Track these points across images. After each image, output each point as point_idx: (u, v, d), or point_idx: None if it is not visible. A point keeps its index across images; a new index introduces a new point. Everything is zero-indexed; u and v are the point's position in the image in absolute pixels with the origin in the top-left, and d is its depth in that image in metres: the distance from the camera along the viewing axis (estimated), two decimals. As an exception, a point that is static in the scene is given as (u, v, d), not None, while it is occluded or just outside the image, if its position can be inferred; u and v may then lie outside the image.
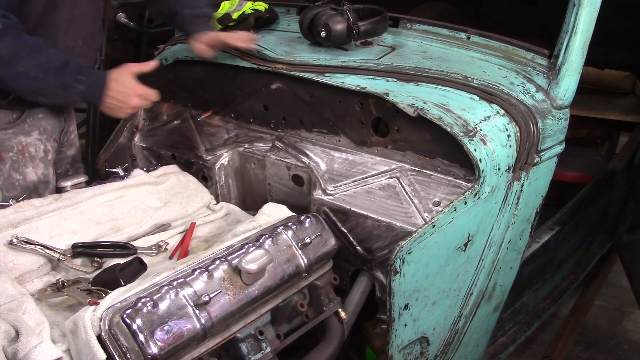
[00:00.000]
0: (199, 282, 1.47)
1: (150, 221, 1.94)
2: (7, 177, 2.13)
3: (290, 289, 1.71)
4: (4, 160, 2.10)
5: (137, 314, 1.34)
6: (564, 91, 1.94)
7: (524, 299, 2.70)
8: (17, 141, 2.11)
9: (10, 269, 1.63)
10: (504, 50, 2.03)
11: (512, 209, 1.94)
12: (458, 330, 2.06)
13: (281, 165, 2.06)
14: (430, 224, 1.64)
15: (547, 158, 1.97)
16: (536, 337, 3.14)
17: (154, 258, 1.81)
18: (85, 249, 1.73)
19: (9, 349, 1.35)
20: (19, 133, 2.11)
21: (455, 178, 1.80)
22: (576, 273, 3.17)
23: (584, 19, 1.87)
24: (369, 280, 1.91)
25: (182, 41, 2.43)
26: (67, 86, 1.90)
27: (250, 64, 2.11)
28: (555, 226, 2.70)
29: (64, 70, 1.88)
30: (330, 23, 2.03)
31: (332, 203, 1.91)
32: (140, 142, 2.40)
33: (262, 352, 1.60)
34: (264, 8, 2.39)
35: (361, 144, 1.97)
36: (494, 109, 1.84)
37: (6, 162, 2.11)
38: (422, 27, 2.17)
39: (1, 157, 2.09)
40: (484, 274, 2.00)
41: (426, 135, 1.82)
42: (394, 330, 1.72)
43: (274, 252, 1.63)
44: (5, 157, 2.10)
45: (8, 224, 1.72)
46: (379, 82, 1.91)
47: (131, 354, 1.33)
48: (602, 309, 3.44)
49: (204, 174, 2.21)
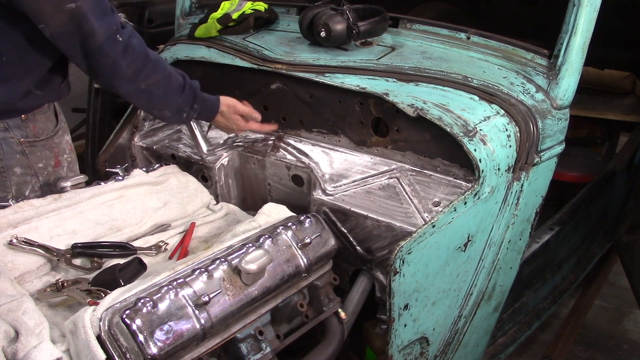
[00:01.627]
0: (198, 282, 1.47)
1: (150, 221, 1.94)
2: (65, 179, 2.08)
3: (290, 289, 1.71)
4: (61, 164, 2.12)
5: (137, 314, 1.34)
6: (564, 91, 1.94)
7: (524, 299, 2.69)
8: (66, 142, 2.14)
9: (10, 269, 1.63)
10: (504, 50, 2.03)
11: (512, 209, 1.94)
12: (458, 331, 2.06)
13: (281, 165, 2.06)
14: (430, 224, 1.64)
15: (547, 158, 1.96)
16: (536, 337, 3.14)
17: (154, 258, 1.81)
18: (85, 249, 1.73)
19: (8, 349, 1.35)
20: (64, 134, 2.13)
21: (455, 178, 1.80)
22: (576, 273, 3.17)
23: (584, 19, 1.86)
24: (368, 280, 1.91)
25: (182, 41, 2.43)
26: (181, 111, 1.96)
27: (250, 64, 2.11)
28: (555, 226, 2.69)
29: (181, 92, 1.93)
30: (330, 23, 2.03)
31: (332, 203, 1.91)
32: (140, 142, 2.39)
33: (262, 353, 1.60)
34: (263, 8, 2.39)
35: (361, 144, 1.97)
36: (493, 109, 1.84)
37: (63, 166, 2.12)
38: (422, 27, 2.17)
39: (58, 162, 2.10)
40: (484, 274, 2.00)
41: (426, 135, 1.82)
42: (394, 331, 1.72)
43: (273, 253, 1.63)
44: (61, 161, 2.12)
45: (8, 224, 1.72)
46: (378, 82, 1.91)
47: (131, 354, 1.33)
48: (602, 309, 3.43)
49: (203, 174, 2.21)
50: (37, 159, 2.02)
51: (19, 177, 2.00)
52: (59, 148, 2.09)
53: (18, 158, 1.97)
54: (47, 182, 2.08)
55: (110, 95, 3.33)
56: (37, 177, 2.04)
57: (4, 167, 1.96)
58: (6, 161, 1.96)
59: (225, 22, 2.34)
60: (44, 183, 2.06)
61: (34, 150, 2.00)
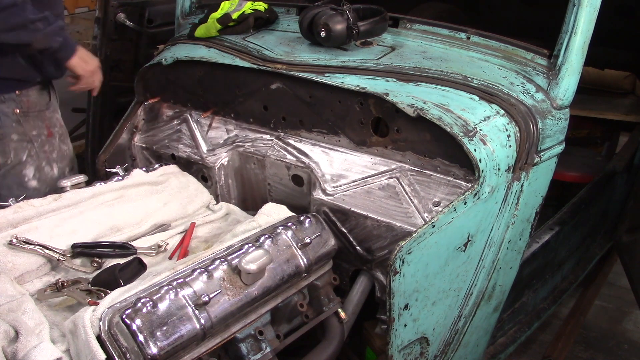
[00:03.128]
0: (198, 282, 1.47)
1: (150, 221, 1.94)
2: (59, 149, 2.50)
3: (290, 289, 1.71)
4: (54, 135, 2.47)
5: (137, 314, 1.34)
6: (564, 91, 1.94)
7: (524, 299, 2.69)
8: (56, 118, 2.50)
9: (10, 269, 1.63)
10: (504, 50, 2.03)
11: (512, 209, 1.94)
12: (458, 331, 2.06)
13: (281, 165, 2.06)
14: (430, 224, 1.64)
15: (547, 158, 1.96)
16: (536, 337, 3.14)
17: (154, 258, 1.81)
18: (84, 249, 1.73)
19: (8, 349, 1.35)
20: (55, 111, 2.50)
21: (455, 178, 1.80)
22: (576, 273, 3.17)
23: (584, 19, 1.86)
24: (368, 280, 1.91)
25: (182, 41, 2.43)
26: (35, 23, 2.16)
27: (250, 64, 2.11)
28: (555, 226, 2.69)
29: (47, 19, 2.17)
30: (330, 23, 2.02)
31: (332, 203, 1.91)
32: (140, 142, 2.40)
33: (262, 353, 1.60)
34: (263, 8, 2.39)
35: (361, 144, 1.97)
36: (493, 109, 1.84)
37: (55, 137, 2.48)
38: (422, 27, 2.17)
39: (51, 132, 2.45)
40: (484, 274, 2.00)
41: (426, 135, 1.82)
42: (394, 331, 1.72)
43: (273, 253, 1.63)
44: (54, 132, 2.47)
45: (8, 224, 1.72)
46: (378, 82, 1.91)
47: (131, 354, 1.33)
48: (602, 309, 3.44)
49: (203, 174, 2.21)
50: (31, 128, 2.38)
51: (16, 143, 2.35)
52: (50, 121, 2.45)
53: (14, 126, 2.33)
54: (42, 149, 2.42)
55: (110, 95, 3.33)
56: (32, 144, 2.39)
57: (3, 134, 2.32)
58: (4, 129, 2.32)
59: (225, 22, 2.34)
60: (39, 149, 2.41)
61: (28, 120, 2.36)
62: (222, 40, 2.31)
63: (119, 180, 2.03)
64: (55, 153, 2.48)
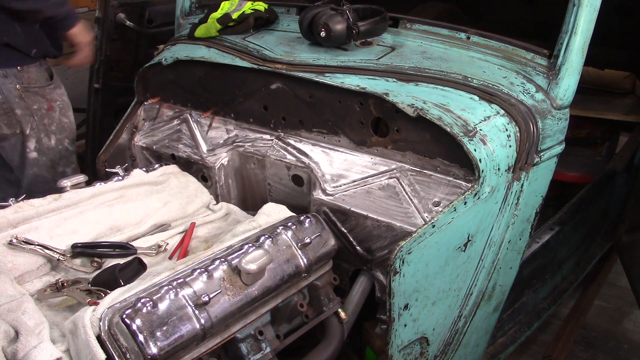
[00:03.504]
0: (198, 282, 1.47)
1: (150, 221, 1.94)
2: (58, 122, 2.76)
3: (290, 289, 1.71)
4: (54, 109, 2.73)
5: (137, 314, 1.34)
6: (564, 91, 1.94)
7: (524, 299, 2.69)
8: (58, 93, 2.76)
9: (10, 269, 1.63)
10: (504, 50, 2.03)
11: (512, 209, 1.94)
12: (458, 331, 2.06)
13: (281, 165, 2.06)
14: (430, 224, 1.64)
15: (547, 158, 1.96)
16: (536, 337, 3.14)
17: (154, 258, 1.81)
18: (84, 249, 1.73)
19: (8, 349, 1.35)
20: (57, 87, 2.76)
21: (455, 178, 1.80)
22: (576, 273, 3.17)
23: (584, 19, 1.86)
24: (368, 280, 1.91)
25: (182, 41, 2.43)
26: None
27: (250, 64, 2.11)
28: (555, 226, 2.70)
29: None
30: (330, 23, 2.02)
31: (332, 203, 1.91)
32: (140, 142, 2.39)
33: (262, 353, 1.60)
34: (263, 8, 2.39)
35: (361, 144, 1.97)
36: (493, 109, 1.84)
37: (55, 110, 2.74)
38: (422, 27, 2.17)
39: (51, 106, 2.72)
40: (484, 274, 2.00)
41: (426, 135, 1.82)
42: (394, 331, 1.72)
43: (273, 253, 1.63)
44: (54, 106, 2.73)
45: (8, 224, 1.72)
46: (378, 82, 1.91)
47: (131, 354, 1.33)
48: (602, 309, 3.44)
49: (203, 174, 2.21)
50: (32, 102, 2.65)
51: (20, 117, 2.64)
52: (51, 96, 2.72)
53: (17, 101, 2.62)
54: (42, 122, 2.69)
55: (110, 95, 3.34)
56: (34, 117, 2.67)
57: (8, 108, 2.61)
58: (8, 103, 2.60)
59: (225, 22, 2.34)
60: (39, 122, 2.69)
61: (29, 95, 2.64)
62: (222, 40, 2.31)
63: (119, 180, 2.03)
64: (55, 125, 2.74)
